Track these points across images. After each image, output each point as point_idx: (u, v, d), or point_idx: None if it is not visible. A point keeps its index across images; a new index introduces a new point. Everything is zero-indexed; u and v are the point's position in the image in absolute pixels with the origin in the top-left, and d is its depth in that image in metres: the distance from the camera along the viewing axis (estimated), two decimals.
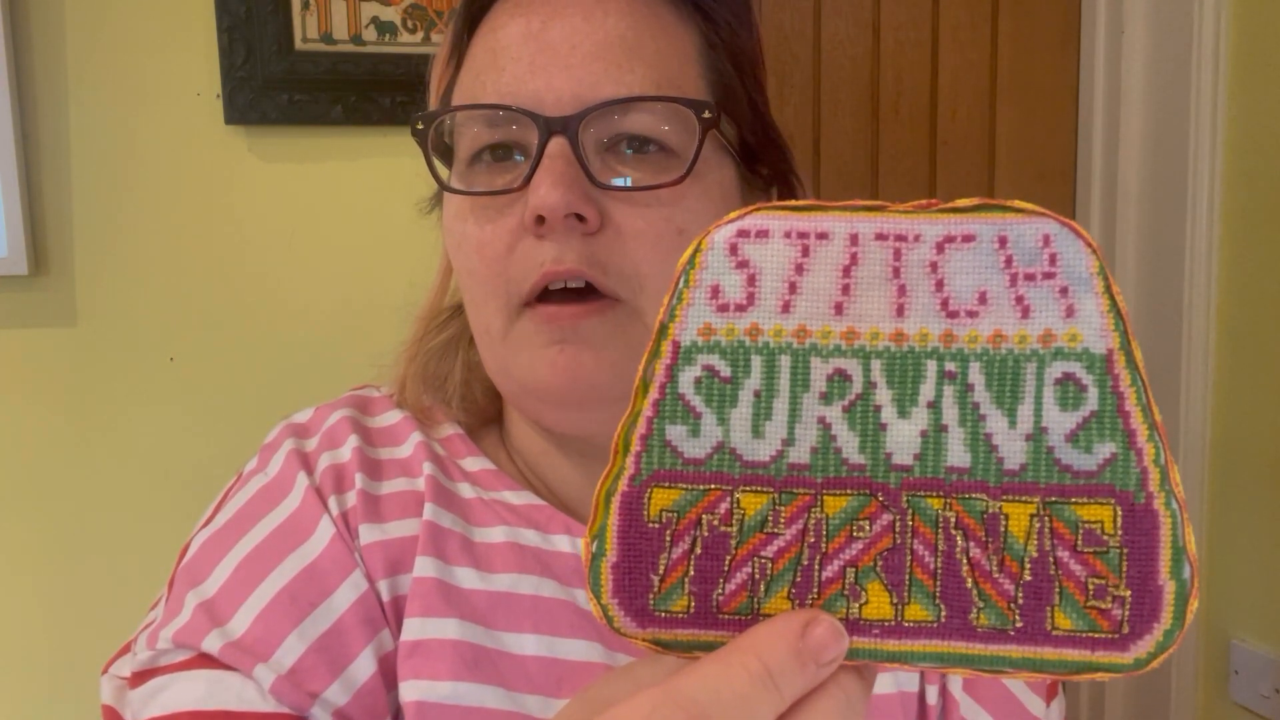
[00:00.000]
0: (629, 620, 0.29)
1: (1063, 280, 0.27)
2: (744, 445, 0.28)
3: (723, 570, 0.28)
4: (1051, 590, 0.28)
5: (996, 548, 0.28)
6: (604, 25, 0.53)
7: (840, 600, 0.28)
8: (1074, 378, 0.27)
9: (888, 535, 0.28)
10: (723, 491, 0.28)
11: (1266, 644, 1.48)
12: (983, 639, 0.28)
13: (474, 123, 0.54)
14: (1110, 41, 1.62)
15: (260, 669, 0.49)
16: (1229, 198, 1.50)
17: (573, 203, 0.50)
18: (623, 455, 0.29)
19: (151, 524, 1.30)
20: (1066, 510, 0.28)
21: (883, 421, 0.28)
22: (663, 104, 0.52)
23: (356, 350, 1.31)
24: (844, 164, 1.63)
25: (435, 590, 0.52)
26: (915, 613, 0.28)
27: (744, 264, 0.28)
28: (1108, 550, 0.28)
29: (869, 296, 0.28)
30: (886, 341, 0.28)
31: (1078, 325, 0.27)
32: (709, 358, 0.28)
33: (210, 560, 0.53)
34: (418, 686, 0.51)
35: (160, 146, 1.29)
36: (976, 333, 0.28)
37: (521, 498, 0.58)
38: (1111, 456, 0.27)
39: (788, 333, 0.28)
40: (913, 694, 0.58)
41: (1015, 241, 0.27)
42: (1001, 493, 0.28)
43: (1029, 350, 0.27)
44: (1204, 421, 1.54)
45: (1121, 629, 0.28)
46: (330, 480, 0.55)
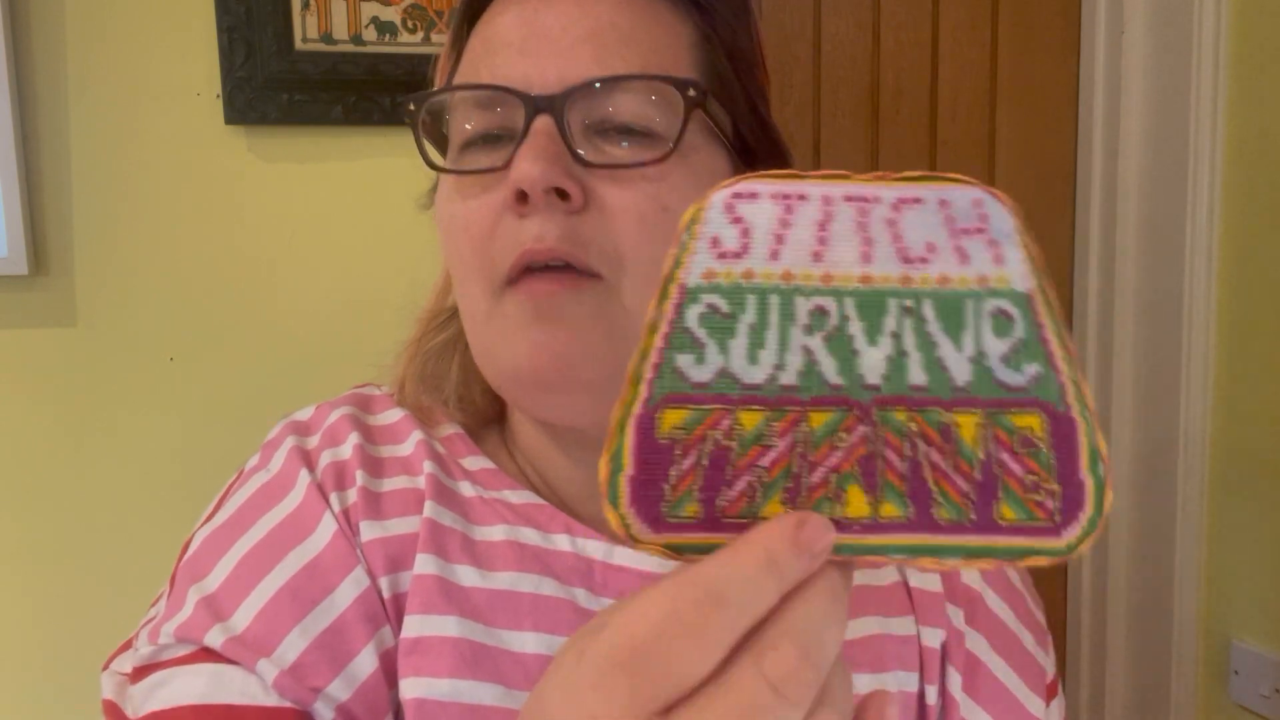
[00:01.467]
0: (644, 526, 0.32)
1: (991, 235, 0.33)
2: (742, 370, 0.33)
3: (726, 479, 0.33)
4: (997, 487, 0.33)
5: (952, 452, 0.33)
6: (595, 12, 0.53)
7: (826, 502, 0.33)
8: (1004, 311, 0.33)
9: (863, 444, 0.33)
10: (724, 410, 0.33)
11: (1266, 644, 1.48)
12: (945, 531, 0.33)
13: (466, 107, 0.54)
14: (1110, 41, 1.62)
15: (263, 664, 0.49)
16: (1229, 197, 1.50)
17: (553, 177, 0.50)
18: (635, 384, 0.33)
19: (151, 523, 1.31)
20: (1005, 419, 0.33)
21: (855, 349, 0.33)
22: (648, 85, 0.52)
23: (356, 350, 1.31)
24: (844, 164, 1.62)
25: (435, 588, 0.53)
26: (888, 510, 0.33)
27: (738, 219, 0.33)
28: (1039, 451, 0.33)
29: (841, 246, 0.33)
30: (856, 283, 0.33)
31: (1005, 270, 0.33)
32: (711, 297, 0.33)
33: (212, 556, 0.53)
34: (418, 684, 0.51)
35: (160, 146, 1.29)
36: (927, 275, 0.33)
37: (522, 497, 0.58)
38: (1037, 374, 0.33)
39: (776, 276, 0.33)
40: (912, 694, 0.58)
41: (954, 204, 0.33)
42: (953, 405, 0.33)
43: (969, 290, 0.33)
44: (1204, 423, 1.54)
45: (1054, 518, 0.33)
46: (332, 477, 0.55)
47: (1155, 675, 1.62)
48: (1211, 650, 1.57)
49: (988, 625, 0.60)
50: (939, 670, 0.58)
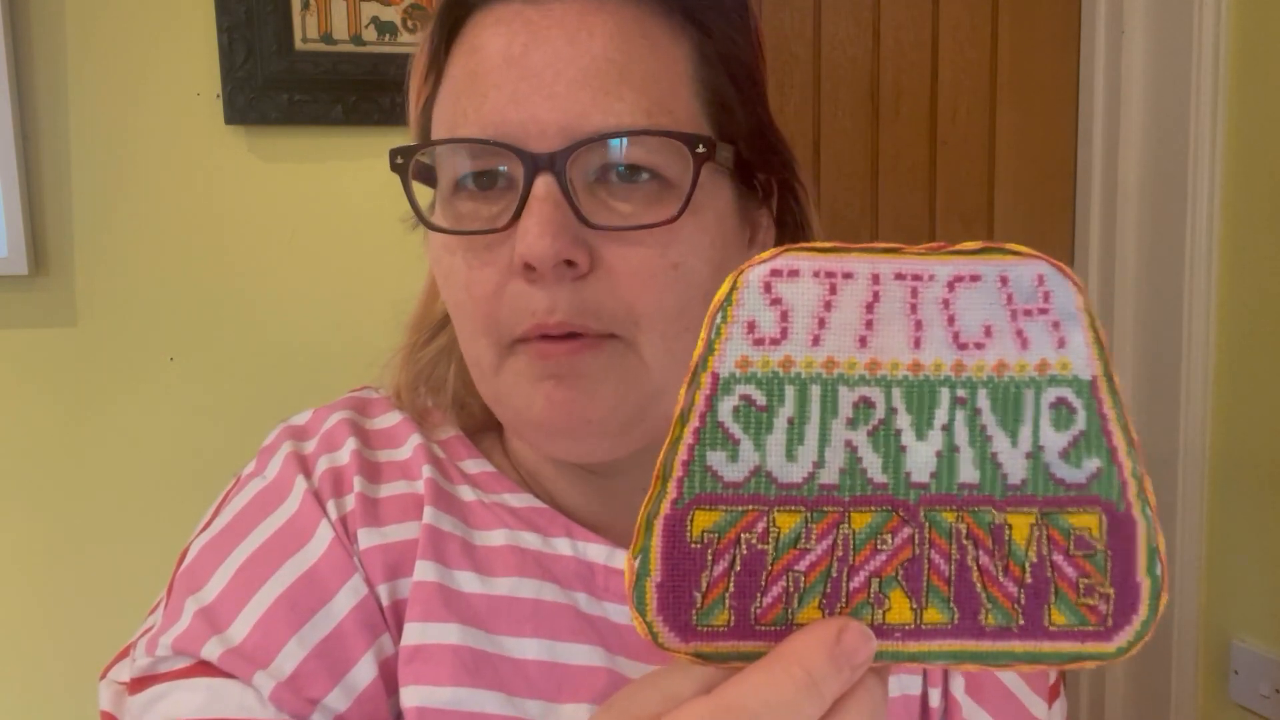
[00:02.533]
0: (673, 636, 0.31)
1: (1055, 315, 0.31)
2: (779, 468, 0.31)
3: (760, 585, 0.31)
4: (1049, 590, 0.31)
5: (1002, 555, 0.31)
6: (589, 48, 0.50)
7: (866, 608, 0.31)
8: (1066, 401, 0.31)
9: (908, 547, 0.31)
10: (760, 512, 0.31)
11: (1266, 644, 1.48)
12: (990, 636, 0.31)
13: (456, 153, 0.52)
14: (1110, 41, 1.62)
15: (260, 676, 0.49)
16: (1229, 198, 1.50)
17: (562, 250, 0.48)
18: (664, 481, 0.31)
19: (151, 523, 1.30)
20: (1060, 519, 0.31)
21: (903, 444, 0.31)
22: (655, 139, 0.50)
23: (356, 350, 1.31)
24: (844, 164, 1.63)
25: (435, 594, 0.52)
26: (932, 616, 0.31)
27: (777, 301, 0.31)
28: (1095, 553, 0.31)
29: (889, 330, 0.31)
30: (905, 371, 0.31)
31: (1068, 355, 0.31)
32: (746, 388, 0.31)
33: (209, 566, 0.53)
34: (418, 692, 0.50)
35: (160, 146, 1.29)
36: (983, 362, 0.31)
37: (522, 500, 0.57)
38: (1097, 471, 0.31)
39: (817, 364, 0.31)
40: (915, 697, 0.57)
41: (1015, 281, 0.31)
42: (1006, 505, 0.31)
43: (1027, 378, 0.31)
44: (1204, 422, 1.54)
45: (1106, 622, 0.31)
46: (329, 483, 0.55)
47: (1155, 675, 1.62)
48: (1211, 650, 1.57)
49: None
50: (942, 673, 0.58)
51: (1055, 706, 0.62)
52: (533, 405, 0.52)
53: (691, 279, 0.51)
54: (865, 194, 1.65)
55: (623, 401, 0.51)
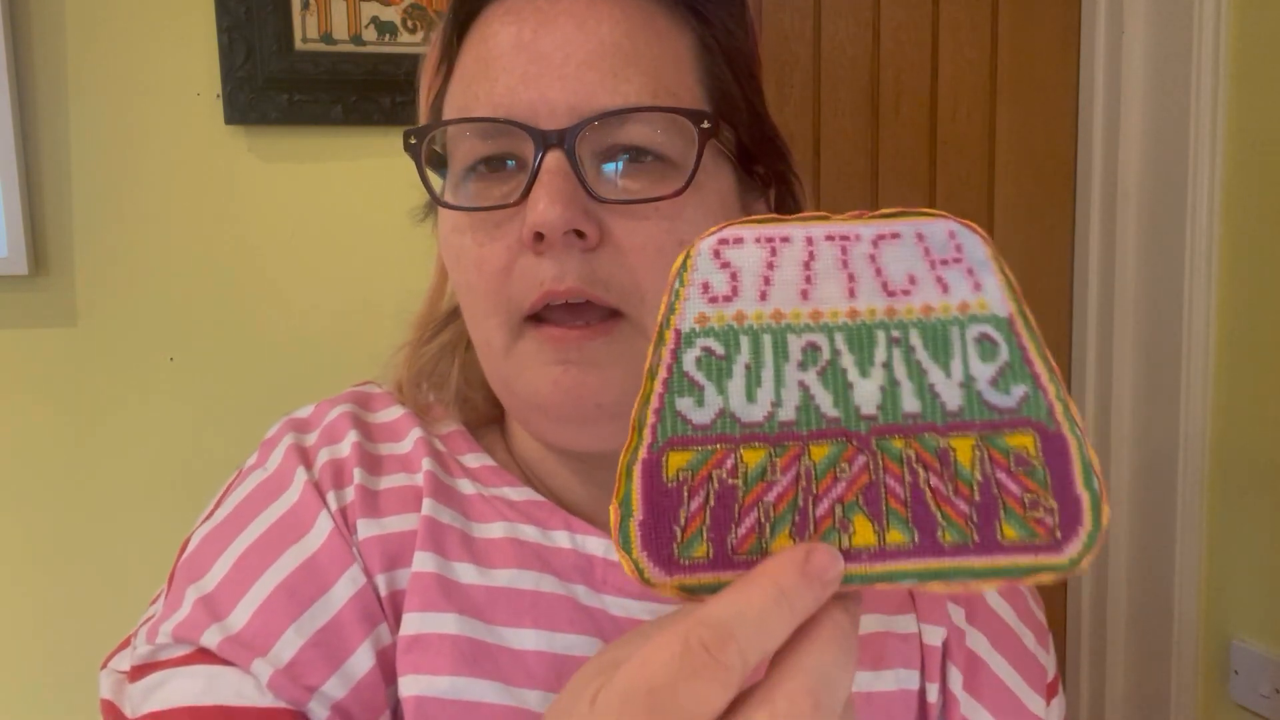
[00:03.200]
0: (657, 570, 0.33)
1: (968, 264, 0.35)
2: (741, 409, 0.34)
3: (734, 517, 0.33)
4: (997, 507, 0.33)
5: (950, 476, 0.34)
6: (597, 33, 0.52)
7: (833, 533, 0.33)
8: (988, 336, 0.34)
9: (864, 473, 0.34)
10: (727, 449, 0.33)
11: (1266, 644, 1.48)
12: (950, 553, 0.33)
13: (467, 135, 0.53)
14: (1110, 41, 1.62)
15: (258, 663, 0.49)
16: (1229, 198, 1.50)
17: (571, 219, 0.49)
18: (639, 430, 0.33)
19: (151, 523, 1.30)
20: (999, 440, 0.34)
21: (849, 381, 0.34)
22: (660, 114, 0.51)
23: (357, 349, 1.32)
24: (844, 164, 1.63)
25: (434, 585, 0.53)
26: (894, 537, 0.33)
27: (726, 264, 0.34)
28: (1034, 469, 0.34)
29: (826, 283, 0.34)
30: (844, 318, 0.34)
31: (984, 296, 0.35)
32: (706, 340, 0.34)
33: (210, 555, 0.53)
34: (417, 681, 0.51)
35: (160, 146, 1.29)
36: (911, 306, 0.34)
37: (521, 494, 0.58)
38: (1025, 395, 0.34)
39: (766, 316, 0.34)
40: (913, 692, 0.58)
41: (929, 236, 0.35)
42: (947, 430, 0.34)
43: (951, 317, 0.34)
44: (1204, 422, 1.54)
45: (1055, 534, 0.33)
46: (329, 475, 0.55)
47: (1155, 675, 1.62)
48: (1211, 650, 1.57)
49: (988, 623, 0.60)
50: (940, 668, 0.58)
51: (1053, 704, 0.62)
52: (541, 389, 0.52)
53: None
54: (865, 194, 1.65)
55: (629, 387, 0.52)
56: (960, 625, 0.59)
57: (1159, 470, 1.59)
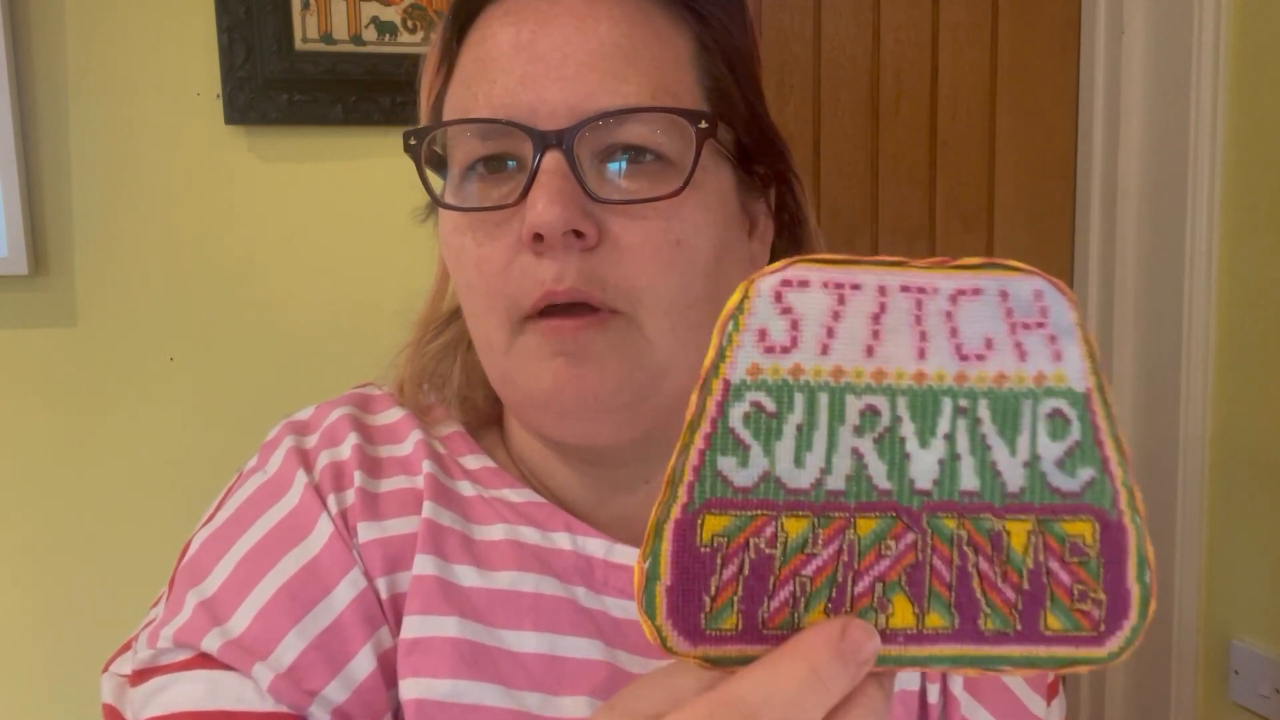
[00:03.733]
0: (682, 640, 0.31)
1: (1051, 329, 0.32)
2: (787, 474, 0.31)
3: (768, 589, 0.31)
4: (1045, 596, 0.32)
5: (1001, 561, 0.32)
6: (596, 33, 0.52)
7: (870, 612, 0.32)
8: (1061, 412, 0.32)
9: (911, 552, 0.32)
10: (768, 517, 0.31)
11: (1266, 644, 1.48)
12: (989, 641, 0.32)
13: (467, 135, 0.53)
14: (1110, 41, 1.62)
15: (259, 667, 0.49)
16: (1229, 198, 1.50)
17: (570, 219, 0.49)
18: (674, 486, 0.31)
19: (151, 523, 1.30)
20: (1056, 526, 0.32)
21: (907, 451, 0.32)
22: (658, 114, 0.51)
23: (357, 350, 1.31)
24: (844, 164, 1.63)
25: (435, 588, 0.53)
26: (934, 621, 0.32)
27: (788, 310, 0.31)
28: (1088, 560, 0.32)
29: (895, 340, 0.31)
30: (910, 381, 0.32)
31: (1064, 368, 0.32)
32: (756, 394, 0.31)
33: (210, 559, 0.53)
34: (418, 684, 0.51)
35: (160, 146, 1.29)
36: (984, 373, 0.32)
37: (522, 495, 0.58)
38: (1091, 479, 0.32)
39: (825, 372, 0.31)
40: (914, 692, 0.58)
41: (1014, 295, 0.32)
42: (1005, 512, 0.32)
43: (1025, 389, 0.32)
44: (1204, 421, 1.54)
45: (1099, 627, 0.32)
46: (329, 478, 0.55)
47: (1155, 675, 1.62)
48: (1211, 650, 1.57)
49: None
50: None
51: (1054, 704, 0.62)
52: (541, 382, 0.52)
53: (694, 256, 0.53)
54: (865, 194, 1.65)
55: (629, 378, 0.52)
56: None
57: (1159, 470, 1.59)
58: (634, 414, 0.53)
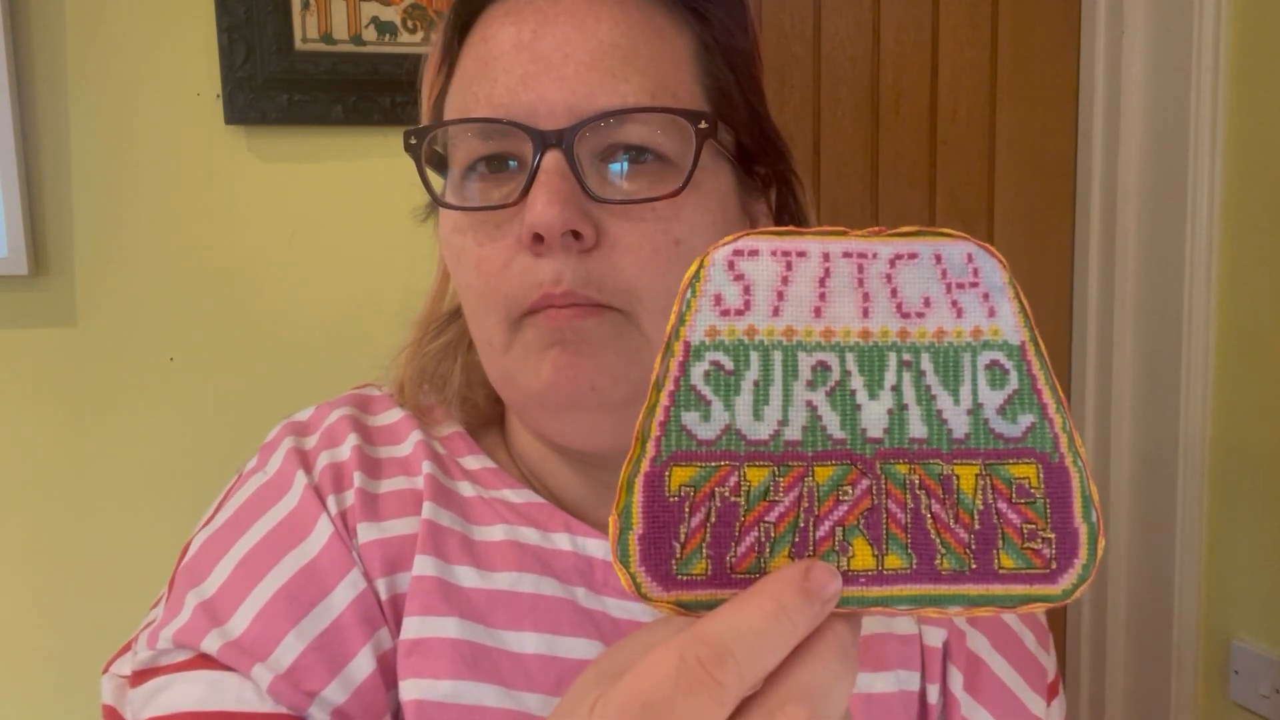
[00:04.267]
0: (655, 585, 0.33)
1: (984, 288, 0.34)
2: (747, 426, 0.33)
3: (734, 535, 0.33)
4: (996, 536, 0.34)
5: (952, 503, 0.34)
6: (596, 33, 0.52)
7: (832, 555, 0.33)
8: (999, 363, 0.34)
9: (867, 497, 0.34)
10: (731, 466, 0.33)
11: (1266, 644, 1.48)
12: (946, 580, 0.34)
13: (467, 135, 0.53)
14: (1110, 41, 1.62)
15: (258, 668, 0.49)
16: (1229, 198, 1.50)
17: (569, 220, 0.49)
18: (643, 442, 0.33)
19: (151, 523, 1.30)
20: (1002, 469, 0.34)
21: (857, 403, 0.34)
22: (658, 114, 0.51)
23: (356, 350, 1.31)
24: (844, 164, 1.63)
25: (435, 589, 0.53)
26: (893, 562, 0.33)
27: (740, 277, 0.34)
28: (1035, 500, 0.34)
29: (840, 302, 0.34)
30: (856, 338, 0.34)
31: (998, 323, 0.34)
32: (715, 354, 0.33)
33: (210, 560, 0.53)
34: (417, 685, 0.51)
35: (160, 146, 1.29)
36: (924, 329, 0.34)
37: (522, 496, 0.57)
38: (1031, 425, 0.34)
39: (778, 332, 0.34)
40: (914, 693, 0.58)
41: (947, 258, 0.34)
42: (952, 457, 0.34)
43: (964, 343, 0.34)
44: (1204, 422, 1.54)
45: (1050, 565, 0.34)
46: (329, 479, 0.55)
47: (1155, 675, 1.62)
48: (1211, 650, 1.56)
49: (989, 624, 0.60)
50: (940, 669, 0.58)
51: (1054, 705, 0.62)
52: (540, 373, 0.52)
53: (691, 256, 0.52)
54: (865, 194, 1.65)
55: (625, 372, 0.52)
56: (961, 626, 0.59)
57: (1159, 470, 1.59)
58: (623, 414, 0.53)
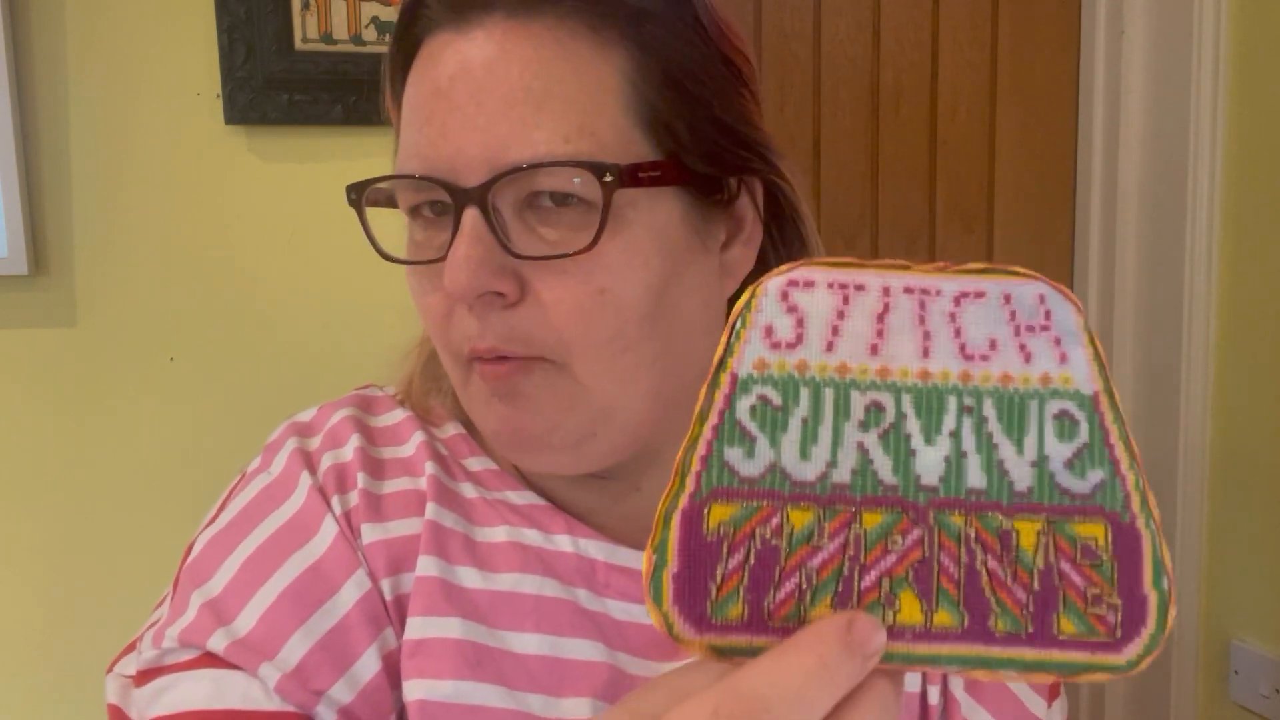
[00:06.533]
0: (688, 626, 0.31)
1: (1056, 332, 0.32)
2: (793, 466, 0.32)
3: (773, 580, 0.31)
4: (1057, 598, 0.31)
5: (1010, 560, 0.32)
6: (507, 78, 0.50)
7: (877, 607, 0.31)
8: (1068, 414, 0.32)
9: (918, 548, 0.32)
10: (774, 507, 0.32)
11: (1266, 644, 1.48)
12: (1000, 643, 0.31)
13: (403, 187, 0.54)
14: (1110, 41, 1.62)
15: (265, 667, 0.49)
16: (1229, 198, 1.50)
17: (482, 283, 0.49)
18: (682, 476, 0.32)
19: (151, 524, 1.30)
20: (1067, 527, 0.32)
21: (912, 448, 0.32)
22: (565, 169, 0.49)
23: (357, 350, 1.32)
24: (844, 164, 1.63)
25: (438, 589, 0.53)
26: (942, 619, 0.31)
27: (793, 308, 0.32)
28: (1101, 563, 0.32)
29: (899, 339, 0.32)
30: (914, 379, 0.32)
31: (1070, 370, 0.32)
32: (763, 388, 0.32)
33: (215, 559, 0.53)
34: (421, 685, 0.51)
35: (160, 146, 1.29)
36: (989, 373, 0.32)
37: (524, 497, 0.58)
38: (1101, 482, 0.32)
39: (831, 369, 0.32)
40: (914, 694, 0.58)
41: (1017, 299, 0.32)
42: (1013, 511, 0.32)
43: (1031, 389, 0.32)
44: (1204, 422, 1.54)
45: (1115, 633, 0.32)
46: (333, 480, 0.55)
47: (1155, 675, 1.62)
48: (1211, 650, 1.57)
49: None
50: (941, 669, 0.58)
51: (1055, 706, 0.62)
52: (488, 422, 0.54)
53: (621, 302, 0.51)
54: (865, 194, 1.65)
55: (564, 420, 0.52)
56: None
57: (1159, 472, 1.59)
58: (584, 451, 0.53)
